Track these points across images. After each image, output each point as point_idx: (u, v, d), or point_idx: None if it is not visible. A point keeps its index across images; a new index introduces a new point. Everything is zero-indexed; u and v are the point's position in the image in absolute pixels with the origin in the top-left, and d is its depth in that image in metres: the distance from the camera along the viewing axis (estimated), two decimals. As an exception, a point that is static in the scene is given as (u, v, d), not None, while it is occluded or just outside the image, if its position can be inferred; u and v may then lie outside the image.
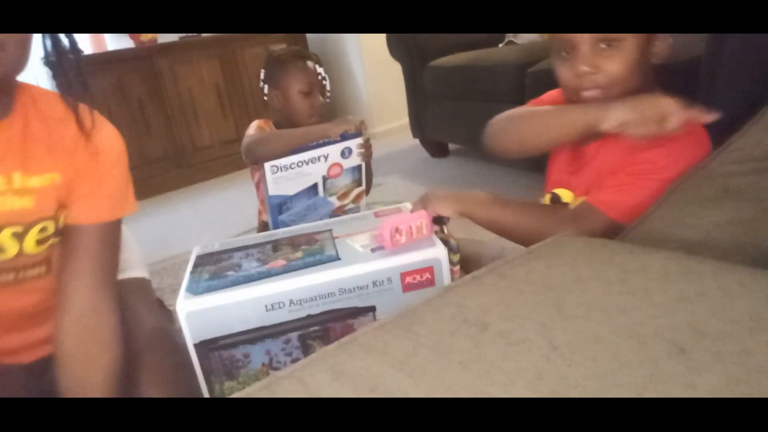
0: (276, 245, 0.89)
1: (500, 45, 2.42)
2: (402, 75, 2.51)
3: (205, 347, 0.76)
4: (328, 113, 1.37)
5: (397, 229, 0.77)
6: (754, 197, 0.62)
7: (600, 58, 0.75)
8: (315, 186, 1.15)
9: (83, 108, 0.78)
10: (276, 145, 1.21)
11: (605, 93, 0.77)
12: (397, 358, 0.39)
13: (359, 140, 1.14)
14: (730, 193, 0.66)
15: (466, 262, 1.18)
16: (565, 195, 0.88)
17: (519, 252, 0.55)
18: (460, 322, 0.42)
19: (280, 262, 0.82)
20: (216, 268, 0.83)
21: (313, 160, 1.11)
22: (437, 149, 2.61)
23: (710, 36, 1.28)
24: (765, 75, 1.16)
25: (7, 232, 0.73)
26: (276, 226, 1.09)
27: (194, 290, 0.76)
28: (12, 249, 0.75)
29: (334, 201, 1.20)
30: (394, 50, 2.47)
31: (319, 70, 1.31)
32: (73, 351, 0.79)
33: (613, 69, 0.75)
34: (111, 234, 0.83)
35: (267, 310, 0.76)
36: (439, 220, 0.87)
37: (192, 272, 0.83)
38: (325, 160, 1.12)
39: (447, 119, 2.36)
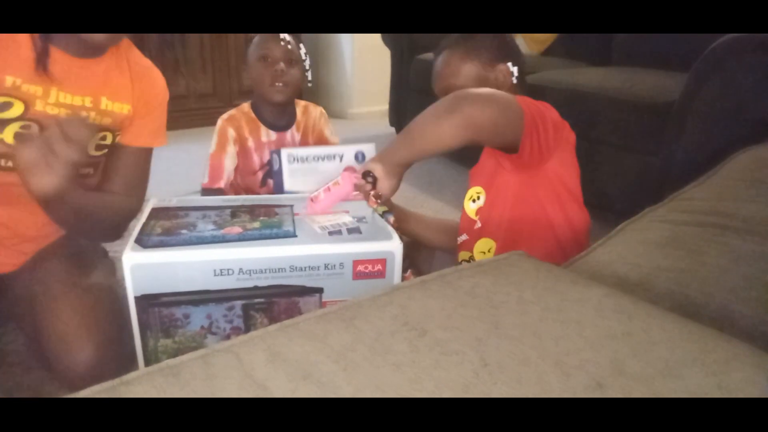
0: (235, 211, 0.89)
1: (491, 51, 2.43)
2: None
3: (146, 301, 0.75)
4: (311, 92, 1.34)
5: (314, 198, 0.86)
6: (693, 249, 0.65)
7: None
8: None
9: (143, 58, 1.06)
10: None
11: None
12: (334, 350, 0.40)
13: (372, 147, 1.16)
14: (674, 240, 0.69)
15: (417, 254, 1.21)
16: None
17: (470, 264, 0.56)
18: (401, 324, 0.44)
19: (236, 229, 0.82)
20: (170, 224, 0.82)
21: (329, 157, 1.12)
22: (411, 141, 2.62)
23: (689, 78, 1.32)
24: (735, 124, 1.21)
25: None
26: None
27: (144, 243, 0.75)
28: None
29: None
30: (387, 36, 2.46)
31: (283, 35, 1.29)
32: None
33: None
34: (147, 156, 1.08)
35: (215, 275, 0.76)
36: (366, 175, 0.88)
37: (144, 224, 0.82)
38: (340, 160, 1.13)
39: (426, 114, 2.36)
